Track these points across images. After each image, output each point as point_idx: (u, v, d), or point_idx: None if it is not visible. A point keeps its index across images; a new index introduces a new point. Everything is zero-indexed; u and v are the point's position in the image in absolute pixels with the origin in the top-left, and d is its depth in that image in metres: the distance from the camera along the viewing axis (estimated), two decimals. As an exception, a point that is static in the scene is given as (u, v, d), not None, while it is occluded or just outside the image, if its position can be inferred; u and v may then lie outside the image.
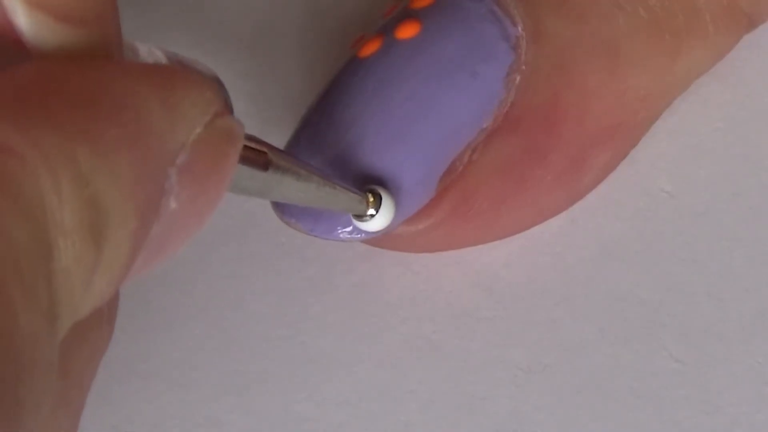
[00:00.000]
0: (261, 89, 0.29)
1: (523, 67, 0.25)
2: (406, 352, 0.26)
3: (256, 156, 0.19)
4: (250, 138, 0.19)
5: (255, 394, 0.26)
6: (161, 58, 0.18)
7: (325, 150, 0.24)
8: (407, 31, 0.25)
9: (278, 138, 0.28)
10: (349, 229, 0.24)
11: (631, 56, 0.26)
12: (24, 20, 0.15)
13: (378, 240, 0.25)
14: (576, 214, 0.27)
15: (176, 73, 0.17)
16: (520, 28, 0.25)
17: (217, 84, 0.18)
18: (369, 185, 0.24)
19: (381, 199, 0.23)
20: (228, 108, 0.18)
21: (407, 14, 0.25)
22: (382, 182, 0.24)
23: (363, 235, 0.24)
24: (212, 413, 0.26)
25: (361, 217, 0.23)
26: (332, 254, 0.27)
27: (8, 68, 0.15)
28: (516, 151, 0.25)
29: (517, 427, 0.26)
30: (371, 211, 0.23)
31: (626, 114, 0.26)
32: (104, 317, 0.19)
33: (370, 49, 0.25)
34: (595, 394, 0.26)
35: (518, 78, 0.25)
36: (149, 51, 0.18)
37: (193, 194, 0.17)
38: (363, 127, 0.24)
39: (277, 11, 0.30)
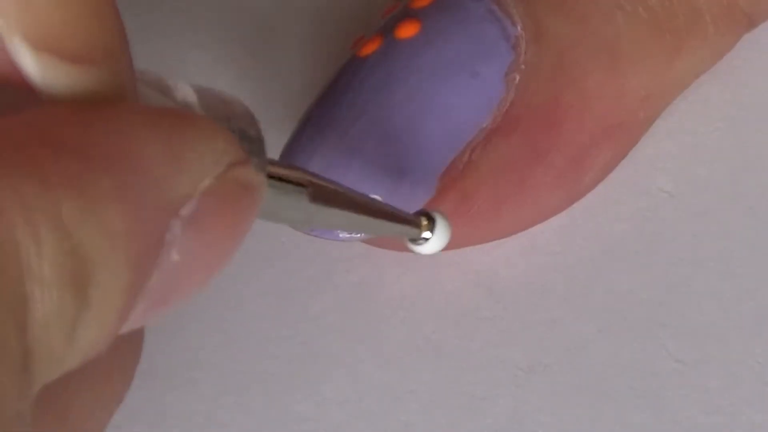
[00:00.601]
0: (261, 89, 0.29)
1: (523, 66, 0.25)
2: (406, 352, 0.26)
3: (297, 187, 0.19)
4: (288, 168, 0.19)
5: (255, 394, 0.26)
6: (190, 95, 0.17)
7: (325, 149, 0.24)
8: (407, 31, 0.25)
9: (279, 138, 0.28)
10: None
11: (632, 56, 0.26)
12: (29, 62, 0.15)
13: (377, 240, 0.25)
14: (576, 214, 0.27)
15: (186, 120, 0.16)
16: (519, 28, 0.25)
17: (240, 130, 0.17)
18: (422, 209, 0.23)
19: (435, 221, 0.23)
20: (247, 159, 0.17)
21: (407, 14, 0.25)
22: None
23: (362, 235, 0.24)
24: (212, 413, 0.26)
25: (416, 241, 0.23)
26: (332, 254, 0.27)
27: (10, 113, 0.15)
28: (516, 151, 0.25)
29: (517, 427, 0.26)
30: (426, 234, 0.23)
31: (626, 114, 0.26)
32: (116, 368, 0.18)
33: (370, 48, 0.25)
34: (595, 394, 0.26)
35: (518, 77, 0.25)
36: (176, 86, 0.17)
37: (199, 247, 0.16)
38: (363, 126, 0.24)
39: (277, 11, 0.30)
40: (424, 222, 0.23)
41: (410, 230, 0.22)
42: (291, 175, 0.19)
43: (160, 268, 0.15)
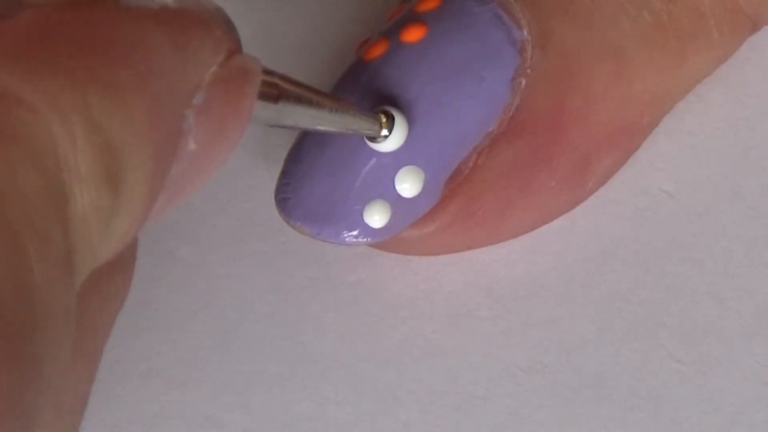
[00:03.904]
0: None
1: (529, 71, 0.25)
2: (406, 352, 0.26)
3: (268, 88, 0.19)
4: (263, 69, 0.19)
5: (255, 394, 0.26)
6: None
7: (330, 150, 0.24)
8: (413, 35, 0.25)
9: (280, 138, 0.28)
10: (355, 232, 0.24)
11: (637, 60, 0.26)
12: None
13: (383, 243, 0.25)
14: (576, 214, 0.27)
15: (184, 14, 0.16)
16: (525, 32, 0.25)
17: (227, 22, 0.18)
18: (381, 107, 0.24)
19: (394, 119, 0.23)
20: (240, 46, 0.17)
21: (413, 18, 0.25)
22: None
23: (369, 239, 0.24)
24: (212, 413, 0.26)
25: (374, 138, 0.24)
26: (332, 254, 0.27)
27: (4, 18, 0.15)
28: (521, 156, 0.25)
29: (517, 427, 0.26)
30: (384, 132, 0.23)
31: (631, 118, 0.26)
32: (120, 266, 0.19)
33: (376, 52, 0.25)
34: (595, 394, 0.26)
35: (524, 82, 0.25)
36: None
37: (212, 134, 0.16)
38: None
39: (279, 12, 0.30)
40: (384, 120, 0.23)
41: (371, 129, 0.23)
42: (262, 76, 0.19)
43: (179, 157, 0.16)
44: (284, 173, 0.25)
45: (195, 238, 0.28)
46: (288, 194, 0.25)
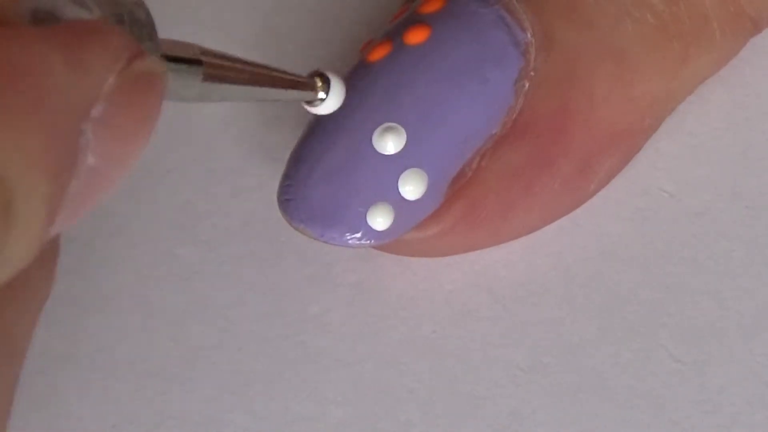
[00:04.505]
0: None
1: (532, 73, 0.25)
2: (406, 352, 0.26)
3: (190, 66, 0.19)
4: (179, 45, 0.19)
5: (255, 394, 0.26)
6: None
7: (333, 152, 0.24)
8: (417, 37, 0.25)
9: (281, 137, 0.28)
10: (358, 235, 0.24)
11: (639, 62, 0.26)
12: None
13: (386, 246, 0.25)
14: (576, 214, 0.27)
15: (76, 27, 0.16)
16: (529, 34, 0.25)
17: (135, 21, 0.17)
18: (316, 69, 0.23)
19: (329, 81, 0.23)
20: (141, 50, 0.17)
21: (416, 19, 0.25)
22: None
23: (372, 241, 0.24)
24: (212, 413, 0.26)
25: (311, 102, 0.23)
26: (332, 254, 0.27)
27: None
28: (524, 158, 0.25)
29: (517, 427, 0.26)
30: (321, 95, 0.23)
31: (633, 120, 0.26)
32: (35, 270, 0.18)
33: (379, 53, 0.25)
34: (595, 394, 0.26)
35: (527, 84, 0.25)
36: None
37: (112, 145, 0.16)
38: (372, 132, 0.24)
39: (280, 13, 0.30)
40: (319, 83, 0.23)
41: (306, 94, 0.23)
42: (184, 53, 0.19)
43: (77, 173, 0.16)
44: (287, 174, 0.25)
45: (195, 238, 0.28)
46: (291, 195, 0.24)
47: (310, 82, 0.23)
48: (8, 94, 0.15)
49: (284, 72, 0.22)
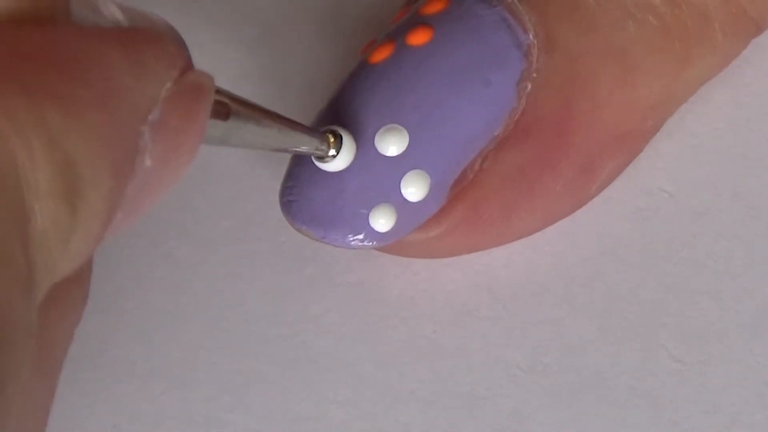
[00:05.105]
0: (263, 91, 0.29)
1: (534, 75, 0.25)
2: (406, 352, 0.26)
3: (217, 106, 0.19)
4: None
5: (255, 394, 0.26)
6: (117, 12, 0.17)
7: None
8: (419, 38, 0.25)
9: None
10: (360, 236, 0.24)
11: (642, 64, 0.26)
12: None
13: (388, 247, 0.25)
14: (576, 214, 0.27)
15: (138, 31, 0.17)
16: (531, 36, 0.25)
17: (179, 40, 0.18)
18: (329, 126, 0.24)
19: (342, 139, 0.23)
20: (191, 63, 0.18)
21: (419, 20, 0.25)
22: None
23: (374, 242, 0.24)
24: (212, 413, 0.26)
25: (322, 158, 0.23)
26: (332, 254, 0.27)
27: None
28: (526, 160, 0.25)
29: (517, 427, 0.26)
30: (332, 152, 0.23)
31: (635, 122, 0.26)
32: (78, 280, 0.18)
33: (381, 54, 0.25)
34: (595, 394, 0.26)
35: (529, 86, 0.25)
36: (104, 3, 0.17)
37: (167, 150, 0.17)
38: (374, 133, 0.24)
39: (281, 13, 0.30)
40: (331, 139, 0.23)
41: (318, 147, 0.23)
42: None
43: (135, 174, 0.16)
44: (289, 175, 0.25)
45: (195, 238, 0.28)
46: (293, 197, 0.24)
47: (323, 138, 0.23)
48: (77, 85, 0.15)
49: (300, 124, 0.22)
